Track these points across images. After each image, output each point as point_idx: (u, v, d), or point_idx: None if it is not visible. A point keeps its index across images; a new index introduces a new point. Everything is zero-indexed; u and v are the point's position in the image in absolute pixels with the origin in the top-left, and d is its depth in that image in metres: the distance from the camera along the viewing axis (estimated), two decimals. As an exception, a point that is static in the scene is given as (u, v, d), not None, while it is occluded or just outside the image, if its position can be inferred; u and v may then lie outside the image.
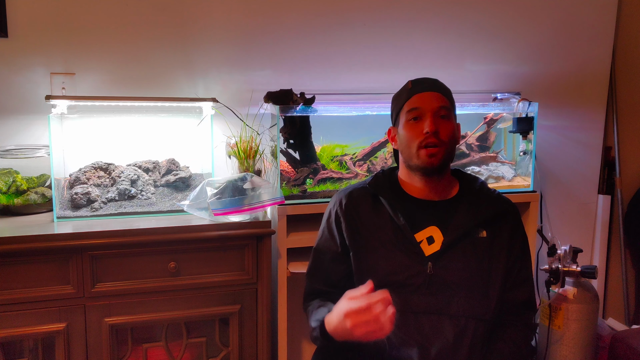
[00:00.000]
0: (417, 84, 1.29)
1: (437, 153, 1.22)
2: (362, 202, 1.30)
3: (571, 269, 1.90)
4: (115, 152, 1.77)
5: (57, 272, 1.42)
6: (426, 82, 1.29)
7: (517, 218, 1.31)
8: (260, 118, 1.84)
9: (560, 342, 1.94)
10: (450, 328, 1.19)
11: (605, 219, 2.44)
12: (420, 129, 1.23)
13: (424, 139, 1.22)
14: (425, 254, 1.22)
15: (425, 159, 1.23)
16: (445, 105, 1.25)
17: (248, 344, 1.60)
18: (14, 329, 1.40)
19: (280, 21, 1.94)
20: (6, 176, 1.62)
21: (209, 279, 1.53)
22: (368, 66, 2.05)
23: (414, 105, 1.25)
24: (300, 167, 1.79)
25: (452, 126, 1.26)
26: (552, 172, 2.35)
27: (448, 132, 1.24)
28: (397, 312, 1.20)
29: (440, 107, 1.24)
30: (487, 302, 1.22)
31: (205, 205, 1.53)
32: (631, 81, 2.43)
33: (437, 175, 1.26)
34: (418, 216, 1.26)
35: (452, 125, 1.26)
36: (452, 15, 2.12)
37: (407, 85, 1.31)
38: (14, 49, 1.71)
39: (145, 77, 1.84)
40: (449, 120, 1.25)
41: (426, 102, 1.24)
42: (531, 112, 1.95)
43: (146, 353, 1.54)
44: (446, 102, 1.26)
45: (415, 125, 1.25)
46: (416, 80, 1.30)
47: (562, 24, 2.26)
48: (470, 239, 1.24)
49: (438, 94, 1.26)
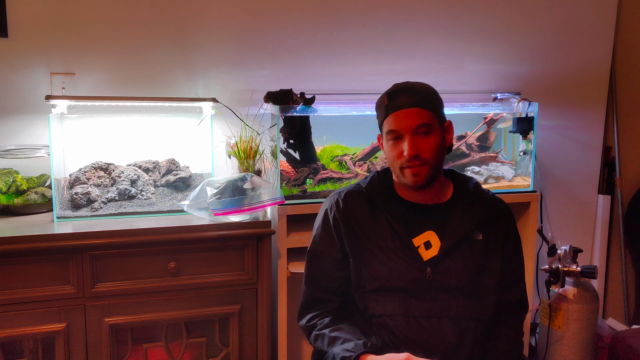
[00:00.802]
0: (392, 98, 1.21)
1: (420, 172, 1.19)
2: (359, 205, 1.28)
3: (571, 269, 1.90)
4: (115, 152, 1.77)
5: (57, 272, 1.42)
6: (402, 96, 1.20)
7: (510, 218, 1.31)
8: (260, 118, 1.84)
9: (560, 342, 1.94)
10: (452, 330, 1.19)
11: (605, 219, 2.44)
12: (400, 149, 1.20)
13: (405, 161, 1.19)
14: (424, 259, 1.22)
15: (410, 178, 1.20)
16: (425, 121, 1.19)
17: (248, 344, 1.60)
18: (14, 329, 1.40)
19: (280, 21, 1.94)
20: (6, 176, 1.62)
21: (209, 279, 1.53)
22: (368, 66, 2.05)
23: (391, 126, 1.20)
24: (300, 167, 1.79)
25: (435, 140, 1.20)
26: (552, 172, 2.35)
27: (430, 149, 1.19)
28: (399, 317, 1.20)
29: (418, 126, 1.18)
30: (485, 303, 1.22)
31: (205, 205, 1.53)
32: (631, 81, 2.43)
33: (426, 188, 1.24)
34: (415, 221, 1.25)
35: (435, 140, 1.20)
36: (452, 15, 2.12)
37: (383, 99, 1.23)
38: (14, 49, 1.72)
39: (145, 77, 1.84)
40: (430, 135, 1.20)
41: (403, 122, 1.19)
42: (531, 112, 1.95)
43: (146, 353, 1.54)
44: (426, 117, 1.19)
45: (395, 145, 1.21)
46: (392, 93, 1.22)
47: (562, 24, 2.26)
48: (468, 243, 1.24)
49: (415, 109, 1.19)
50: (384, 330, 1.21)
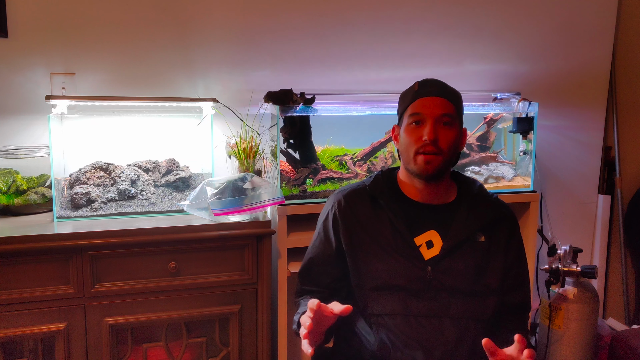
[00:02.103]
0: (423, 86, 1.25)
1: (433, 160, 1.20)
2: (361, 204, 1.29)
3: (571, 269, 1.90)
4: (115, 152, 1.77)
5: (57, 272, 1.42)
6: (433, 85, 1.25)
7: (514, 222, 1.32)
8: (260, 118, 1.84)
9: (560, 342, 1.94)
10: (451, 330, 1.20)
11: (605, 219, 2.44)
12: (420, 134, 1.21)
13: (422, 146, 1.20)
14: (425, 258, 1.22)
15: (422, 165, 1.21)
16: (449, 112, 1.21)
17: (248, 344, 1.60)
18: (14, 329, 1.40)
19: (280, 21, 1.94)
20: (6, 176, 1.62)
21: (209, 279, 1.53)
22: (368, 66, 2.05)
23: (416, 109, 1.22)
24: (300, 167, 1.79)
25: (454, 134, 1.22)
26: (552, 172, 2.35)
27: (448, 140, 1.21)
28: (398, 315, 1.21)
29: (443, 115, 1.21)
30: (485, 304, 1.23)
31: (205, 205, 1.53)
32: (631, 81, 2.43)
33: (434, 180, 1.25)
34: (417, 220, 1.26)
35: (454, 133, 1.22)
36: (452, 15, 2.12)
37: (413, 86, 1.27)
38: (14, 49, 1.71)
39: (145, 77, 1.84)
40: (451, 128, 1.22)
41: (429, 107, 1.21)
42: (531, 112, 1.95)
43: (146, 353, 1.54)
44: (451, 109, 1.22)
45: (416, 129, 1.22)
46: (423, 81, 1.27)
47: (562, 24, 2.26)
48: (469, 244, 1.24)
49: (443, 99, 1.22)
50: (384, 329, 1.21)
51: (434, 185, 1.27)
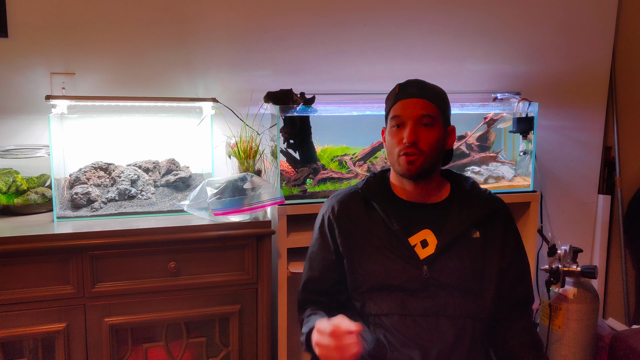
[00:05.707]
0: (403, 88, 1.26)
1: (415, 161, 1.21)
2: (354, 207, 1.30)
3: (571, 269, 1.90)
4: (115, 152, 1.77)
5: (57, 272, 1.42)
6: (413, 87, 1.25)
7: (508, 216, 1.32)
8: (260, 118, 1.84)
9: (560, 342, 1.94)
10: (449, 329, 1.20)
11: (605, 219, 2.44)
12: (401, 136, 1.23)
13: (403, 148, 1.22)
14: (420, 258, 1.23)
15: (405, 166, 1.23)
16: (430, 113, 1.22)
17: (248, 344, 1.60)
18: (14, 329, 1.40)
19: (280, 21, 1.94)
20: (6, 176, 1.62)
21: (209, 279, 1.53)
22: (368, 66, 2.05)
23: (396, 112, 1.24)
24: (300, 167, 1.79)
25: (436, 134, 1.23)
26: (552, 172, 2.35)
27: (429, 141, 1.22)
28: (395, 315, 1.21)
29: (422, 116, 1.22)
30: (482, 301, 1.23)
31: (205, 205, 1.53)
32: (631, 81, 2.43)
33: (421, 180, 1.25)
34: (411, 220, 1.26)
35: (435, 134, 1.23)
36: (452, 15, 2.12)
37: (394, 89, 1.28)
38: (14, 49, 1.71)
39: (145, 77, 1.84)
40: (432, 128, 1.23)
41: (409, 109, 1.22)
42: (531, 112, 1.95)
43: (146, 353, 1.54)
44: (431, 110, 1.23)
45: (397, 132, 1.24)
46: (404, 84, 1.28)
47: (562, 24, 2.26)
48: (464, 241, 1.25)
49: (423, 100, 1.23)
50: (381, 329, 1.22)
51: (422, 184, 1.27)
